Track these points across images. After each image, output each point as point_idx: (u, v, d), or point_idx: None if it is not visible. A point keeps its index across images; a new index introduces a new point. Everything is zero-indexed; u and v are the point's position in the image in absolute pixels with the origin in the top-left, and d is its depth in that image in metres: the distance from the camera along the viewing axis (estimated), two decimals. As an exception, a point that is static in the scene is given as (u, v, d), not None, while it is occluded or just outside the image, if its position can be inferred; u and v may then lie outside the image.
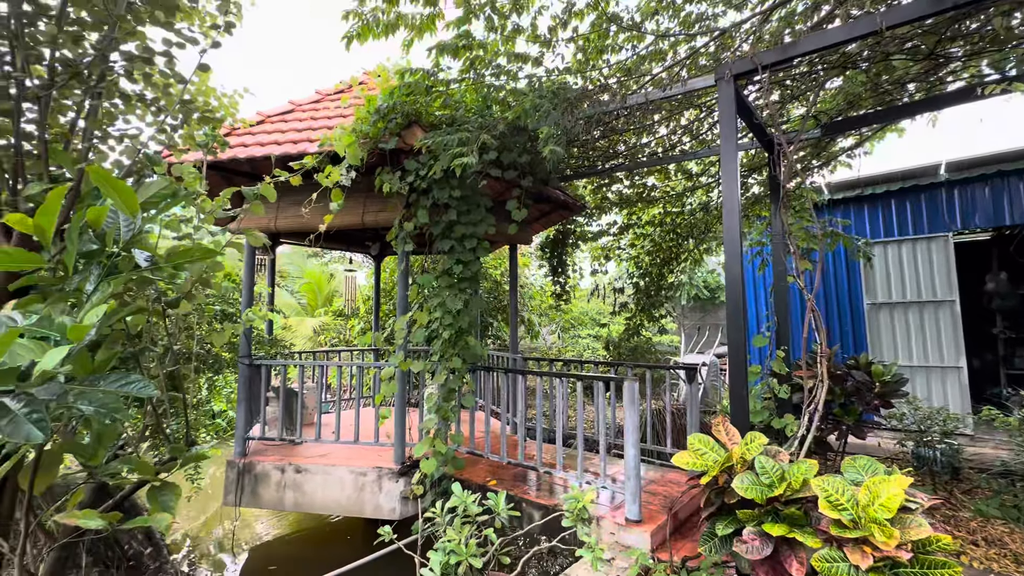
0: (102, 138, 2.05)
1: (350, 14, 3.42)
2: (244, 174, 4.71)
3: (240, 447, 4.68)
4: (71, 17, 2.06)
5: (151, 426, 2.80)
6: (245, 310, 4.56)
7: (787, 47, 2.94)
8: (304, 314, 12.21)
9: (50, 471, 1.63)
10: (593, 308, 11.69)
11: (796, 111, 5.18)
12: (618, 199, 6.64)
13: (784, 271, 4.13)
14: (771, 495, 2.08)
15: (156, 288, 2.04)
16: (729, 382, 3.01)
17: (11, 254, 1.21)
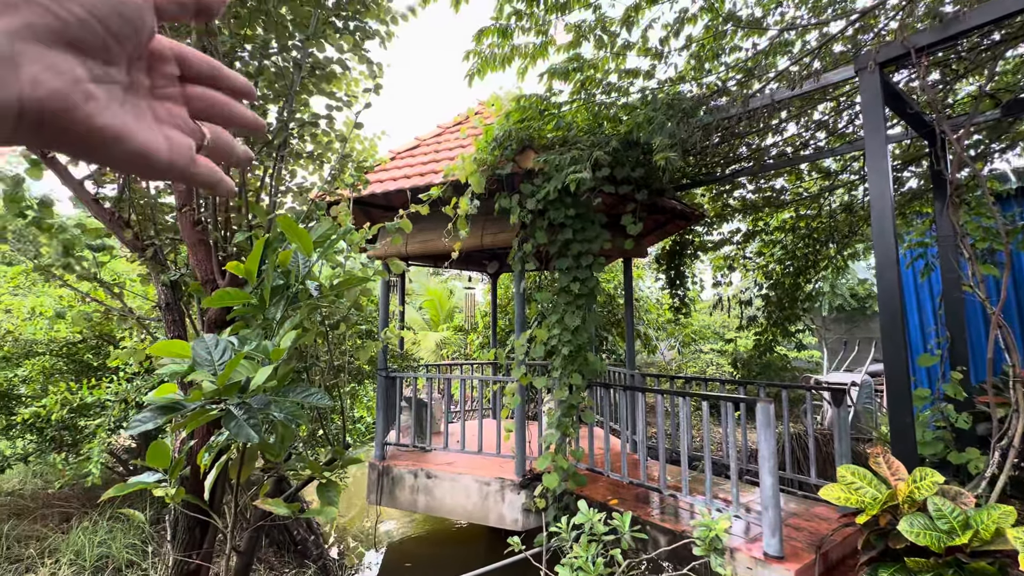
0: (284, 191, 2.50)
1: (470, 53, 3.71)
2: (379, 206, 5.30)
3: (379, 451, 5.19)
4: (259, 94, 2.56)
5: (315, 431, 3.24)
6: (384, 328, 5.08)
7: (950, 23, 2.56)
8: (428, 329, 13.17)
9: (250, 465, 1.99)
10: (716, 321, 10.94)
11: (966, 89, 4.42)
12: (741, 205, 6.20)
13: (957, 278, 3.52)
14: (951, 544, 1.79)
15: (321, 312, 2.40)
16: (888, 407, 2.64)
17: (232, 294, 1.55)
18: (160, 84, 0.35)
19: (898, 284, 2.65)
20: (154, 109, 0.34)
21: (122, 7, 0.30)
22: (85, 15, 0.28)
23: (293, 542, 4.33)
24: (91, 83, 0.29)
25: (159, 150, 0.32)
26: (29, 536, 4.11)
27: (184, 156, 0.34)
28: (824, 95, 4.20)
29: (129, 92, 0.32)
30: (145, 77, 0.34)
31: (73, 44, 0.28)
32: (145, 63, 0.34)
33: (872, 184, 2.74)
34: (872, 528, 2.08)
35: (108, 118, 0.30)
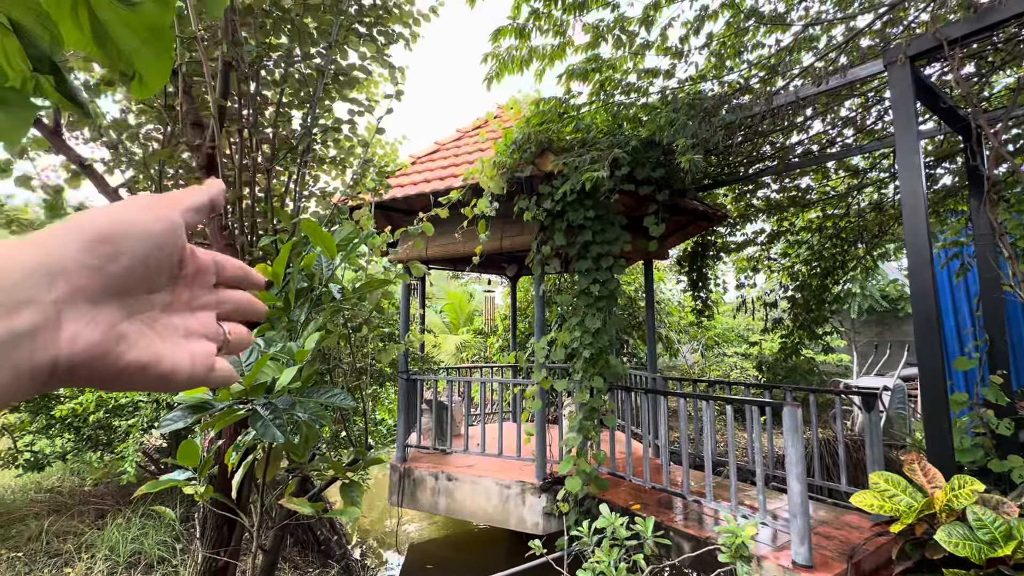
0: (308, 196, 2.55)
1: (488, 56, 3.70)
2: (400, 210, 5.36)
3: (401, 453, 5.23)
4: (283, 100, 2.62)
5: (337, 432, 3.29)
6: (406, 331, 5.13)
7: (984, 13, 2.46)
8: (448, 332, 13.25)
9: (275, 465, 2.03)
10: (740, 324, 10.72)
11: (1002, 82, 4.26)
12: (765, 205, 6.07)
13: (996, 278, 3.38)
14: (993, 555, 1.71)
15: (343, 315, 2.43)
16: (923, 412, 2.55)
17: (259, 296, 1.59)
18: (199, 294, 0.38)
19: (932, 285, 2.56)
20: (187, 323, 0.37)
21: (161, 240, 0.33)
22: (132, 262, 0.31)
23: (317, 542, 4.39)
24: (127, 322, 0.32)
25: (182, 369, 0.35)
26: (67, 531, 4.26)
27: (204, 366, 0.36)
28: (851, 91, 4.09)
29: (167, 311, 0.35)
30: (186, 290, 0.37)
31: (118, 293, 0.31)
32: (189, 277, 0.37)
33: (904, 182, 2.65)
34: (907, 537, 2.01)
35: (137, 353, 0.32)
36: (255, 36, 2.22)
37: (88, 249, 0.29)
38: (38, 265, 0.27)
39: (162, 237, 0.33)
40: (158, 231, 0.33)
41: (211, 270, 0.39)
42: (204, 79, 2.05)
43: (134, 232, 0.31)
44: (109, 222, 0.30)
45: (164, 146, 2.63)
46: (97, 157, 2.68)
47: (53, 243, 0.28)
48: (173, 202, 0.35)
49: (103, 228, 0.30)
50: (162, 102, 2.60)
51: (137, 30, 0.57)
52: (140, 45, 0.58)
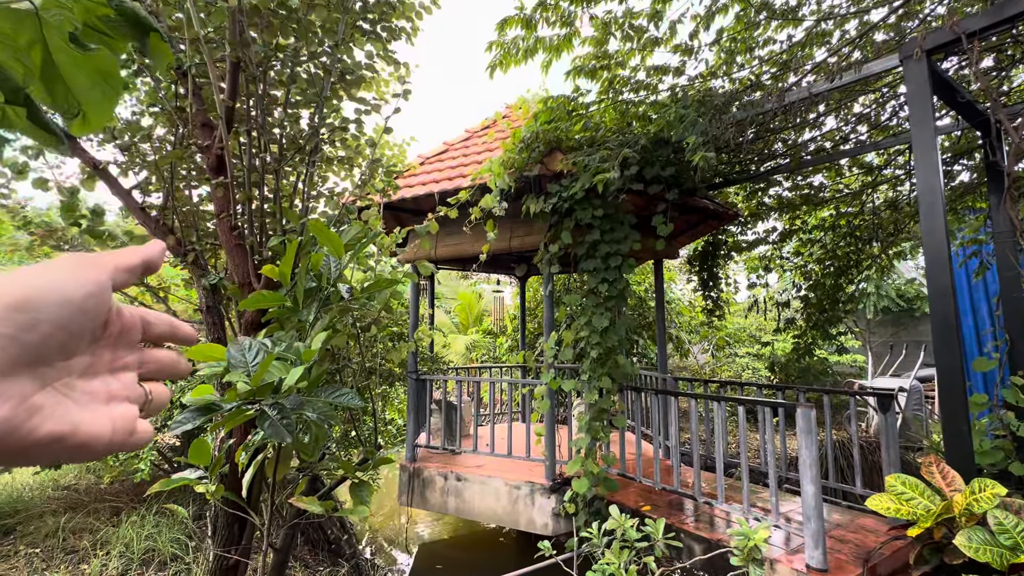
0: (316, 196, 2.56)
1: (493, 44, 3.65)
2: (408, 210, 5.37)
3: (410, 452, 5.24)
4: (291, 100, 2.64)
5: (347, 432, 3.30)
6: (415, 331, 5.14)
7: (1004, 5, 2.40)
8: (458, 332, 13.27)
9: (285, 464, 2.04)
10: (752, 324, 10.60)
11: (1022, 76, 4.15)
12: (777, 203, 5.99)
13: (1016, 276, 3.30)
14: (1016, 561, 1.67)
15: (352, 315, 2.44)
16: (941, 414, 2.49)
17: (267, 296, 1.60)
18: (121, 354, 0.37)
19: (951, 284, 2.50)
20: (108, 386, 0.35)
21: (85, 304, 0.31)
22: (51, 330, 0.29)
23: (327, 541, 4.42)
24: (41, 393, 0.30)
25: (101, 436, 0.33)
26: (83, 528, 4.33)
27: (125, 431, 0.35)
28: (865, 87, 4.02)
29: (86, 375, 0.33)
30: (108, 351, 0.35)
31: (33, 362, 0.29)
32: (113, 337, 0.35)
33: (921, 178, 2.60)
34: (925, 542, 1.96)
35: (52, 425, 0.30)
36: (262, 36, 2.23)
37: (3, 319, 0.27)
38: None
39: (86, 301, 0.31)
40: (81, 295, 0.31)
41: (137, 328, 0.37)
42: (213, 81, 2.06)
43: (54, 297, 0.29)
44: (28, 288, 0.29)
45: (176, 148, 2.66)
46: (111, 159, 2.71)
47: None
48: (102, 263, 0.33)
49: (21, 295, 0.28)
50: (173, 104, 2.62)
51: (89, 72, 0.59)
52: (90, 86, 0.59)
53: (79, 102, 0.61)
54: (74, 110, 0.62)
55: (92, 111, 0.63)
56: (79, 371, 0.33)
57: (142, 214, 2.58)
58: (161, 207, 2.64)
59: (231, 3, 1.92)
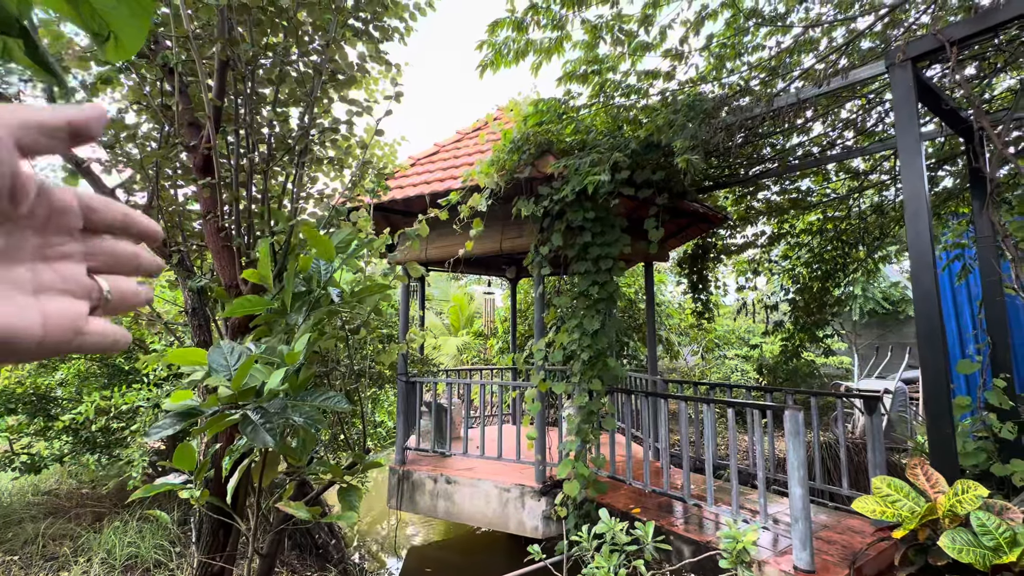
0: (305, 197, 2.53)
1: (483, 44, 3.63)
2: (399, 212, 5.34)
3: (400, 455, 5.20)
4: (280, 99, 2.61)
5: (336, 435, 3.26)
6: (405, 333, 5.10)
7: (986, 14, 2.45)
8: (448, 334, 13.22)
9: (272, 469, 2.01)
10: (741, 327, 10.69)
11: (1004, 84, 4.24)
12: (766, 207, 6.06)
13: (998, 280, 3.36)
14: (998, 562, 1.69)
15: (341, 318, 2.41)
16: (926, 416, 2.52)
17: (252, 301, 1.57)
18: (55, 242, 0.31)
19: (935, 287, 2.54)
20: (38, 274, 0.30)
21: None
22: None
23: (315, 546, 4.36)
24: None
25: (26, 331, 0.28)
26: (63, 535, 4.24)
27: (64, 329, 0.30)
28: (852, 93, 4.07)
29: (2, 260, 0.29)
30: (33, 236, 0.30)
31: None
32: (39, 220, 0.30)
33: (906, 184, 2.63)
34: (910, 543, 1.98)
35: None
36: (251, 34, 2.21)
37: None
38: None
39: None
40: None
41: (73, 212, 0.32)
42: (199, 78, 2.03)
43: None
44: None
45: (161, 146, 2.61)
46: (94, 157, 2.66)
47: None
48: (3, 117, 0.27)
49: None
50: (159, 102, 2.58)
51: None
52: (116, 3, 0.56)
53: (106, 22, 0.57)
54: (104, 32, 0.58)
55: (123, 33, 0.59)
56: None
57: (126, 214, 2.53)
58: (146, 207, 2.59)
59: (221, 1, 1.90)
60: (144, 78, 2.62)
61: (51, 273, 0.31)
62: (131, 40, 0.60)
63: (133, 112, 2.81)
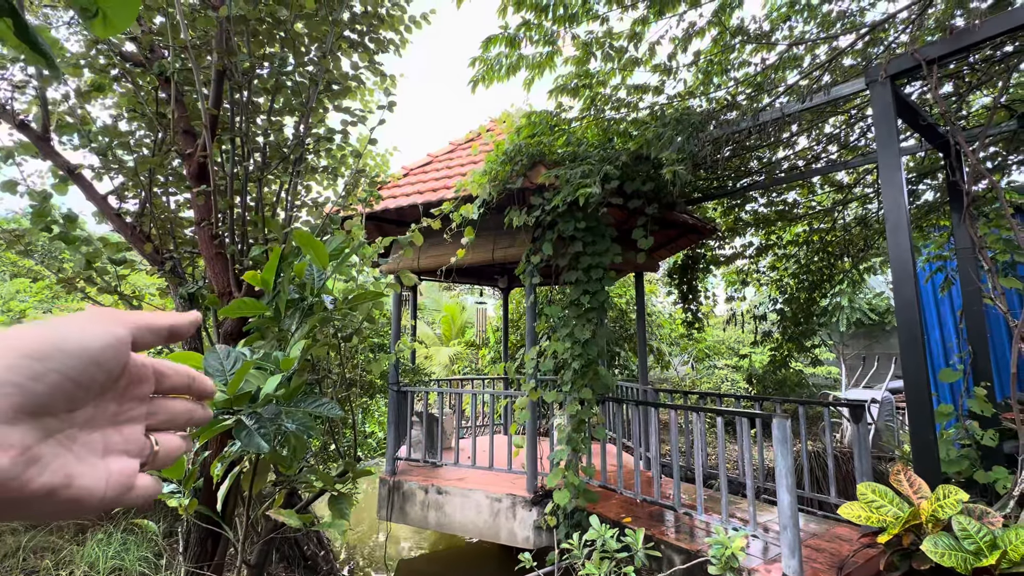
0: (300, 206, 2.55)
1: (476, 60, 3.69)
2: (391, 221, 5.37)
3: (390, 466, 5.16)
4: (275, 108, 2.64)
5: (326, 444, 3.24)
6: (396, 342, 5.10)
7: (960, 35, 2.55)
8: (440, 344, 13.18)
9: (263, 476, 2.00)
10: (731, 337, 10.79)
11: (980, 101, 4.39)
12: (753, 219, 6.17)
13: (977, 291, 3.45)
14: (978, 565, 1.73)
15: (334, 326, 2.42)
16: (910, 423, 2.57)
17: (249, 303, 1.58)
18: (127, 408, 0.35)
19: (916, 298, 2.60)
20: (108, 439, 0.33)
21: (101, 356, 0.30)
22: (60, 380, 0.28)
23: (303, 557, 4.30)
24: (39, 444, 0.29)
25: (95, 490, 0.31)
26: (45, 547, 4.14)
27: (120, 487, 0.33)
28: (835, 108, 4.19)
29: (85, 428, 0.32)
30: (113, 403, 0.34)
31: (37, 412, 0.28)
32: (120, 390, 0.34)
33: (887, 197, 2.71)
34: (895, 548, 2.01)
35: (47, 477, 0.29)
36: (248, 45, 2.24)
37: (14, 367, 0.27)
38: None
39: (102, 352, 0.30)
40: (97, 346, 0.30)
41: (148, 380, 0.35)
42: (196, 87, 2.06)
43: (70, 347, 0.29)
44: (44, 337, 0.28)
45: (155, 153, 2.62)
46: (86, 163, 2.66)
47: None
48: (125, 319, 0.32)
49: (36, 344, 0.28)
50: (153, 109, 2.60)
51: None
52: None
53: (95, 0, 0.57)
54: (92, 8, 0.58)
55: (112, 10, 0.58)
56: (80, 423, 0.31)
57: (118, 220, 2.53)
58: (138, 214, 2.60)
59: (221, 12, 1.93)
60: (139, 86, 2.64)
61: (118, 436, 0.34)
62: (120, 18, 0.59)
63: (125, 118, 2.82)
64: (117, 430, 0.34)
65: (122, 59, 2.59)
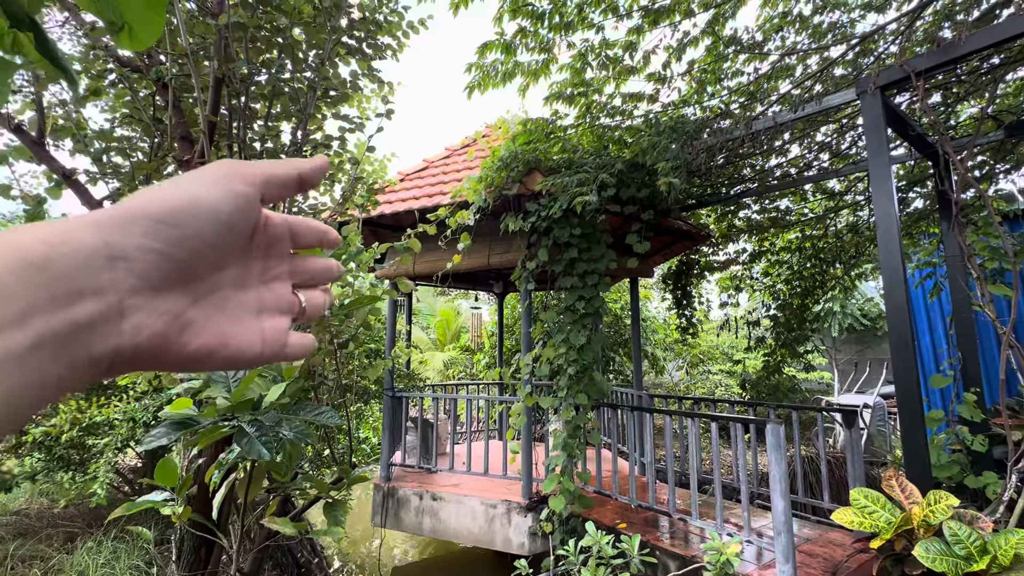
0: (297, 212, 2.55)
1: (472, 66, 3.71)
2: (388, 227, 5.37)
3: (385, 472, 5.14)
4: (273, 114, 2.65)
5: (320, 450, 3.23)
6: (391, 348, 5.09)
7: (947, 48, 2.61)
8: (435, 349, 13.15)
9: (257, 484, 1.99)
10: (724, 342, 10.85)
11: (968, 111, 4.46)
12: (747, 225, 6.23)
13: (966, 298, 3.50)
14: (969, 570, 1.75)
15: (330, 332, 2.42)
16: (901, 429, 2.60)
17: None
18: (272, 265, 0.35)
19: (907, 304, 2.64)
20: (260, 296, 0.34)
21: (232, 219, 0.30)
22: (199, 244, 0.29)
23: (297, 565, 4.27)
24: (193, 308, 0.30)
25: (251, 348, 0.33)
26: (34, 556, 4.09)
27: (276, 343, 0.34)
28: (826, 117, 4.25)
29: (237, 287, 0.33)
30: (259, 262, 0.35)
31: (185, 278, 0.29)
32: (263, 248, 0.35)
33: (877, 205, 2.76)
34: (887, 553, 2.04)
35: (203, 339, 0.30)
36: (246, 51, 2.25)
37: (151, 232, 0.27)
38: (99, 249, 0.25)
39: (233, 215, 0.30)
40: (228, 209, 0.30)
41: (286, 238, 0.36)
42: (194, 94, 2.06)
43: (201, 212, 0.29)
44: (174, 201, 0.28)
45: (151, 159, 2.62)
46: (81, 168, 2.65)
47: (114, 225, 0.26)
48: (250, 174, 0.31)
49: (167, 208, 0.28)
50: (150, 114, 2.60)
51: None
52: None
53: (120, 12, 0.57)
54: (118, 22, 0.58)
55: (138, 24, 0.58)
56: (230, 284, 0.32)
57: (114, 226, 2.52)
58: (134, 219, 2.59)
59: (220, 21, 1.94)
60: (136, 91, 2.64)
61: (269, 294, 0.35)
62: (146, 32, 0.60)
63: (120, 123, 2.81)
64: (268, 287, 0.35)
65: (119, 64, 2.59)
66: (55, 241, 0.24)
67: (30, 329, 0.22)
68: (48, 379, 0.23)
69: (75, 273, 0.24)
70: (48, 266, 0.23)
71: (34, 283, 0.23)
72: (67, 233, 0.24)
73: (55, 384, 0.24)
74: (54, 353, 0.23)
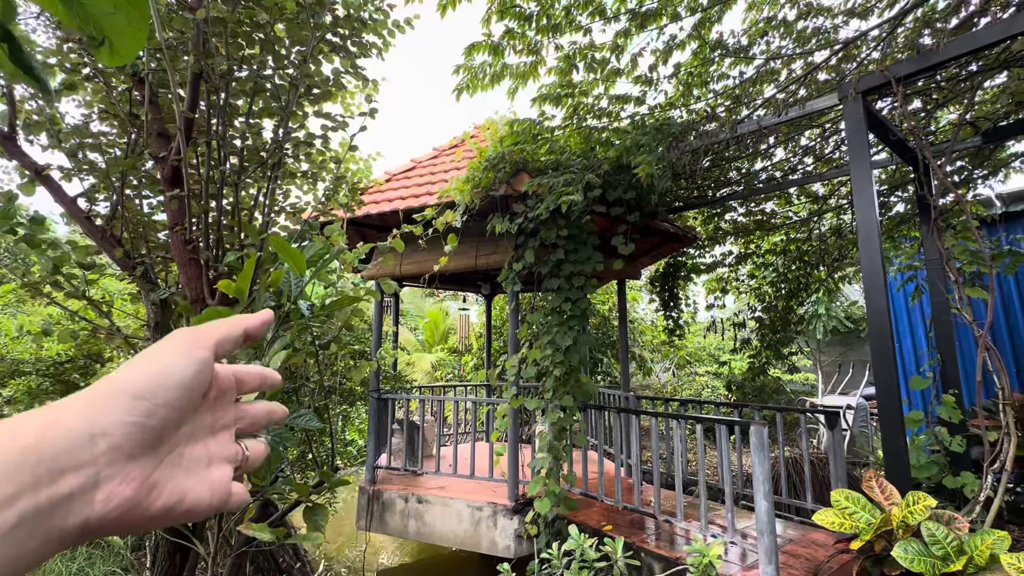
0: (278, 211, 2.51)
1: (460, 68, 3.69)
2: (373, 227, 5.32)
3: (370, 474, 5.09)
4: (254, 111, 2.60)
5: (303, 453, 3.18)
6: (377, 349, 5.03)
7: (927, 54, 2.64)
8: (423, 351, 13.07)
9: (234, 488, 1.95)
10: (711, 344, 10.94)
11: (947, 117, 4.55)
12: (733, 228, 6.28)
13: (945, 301, 3.55)
14: (946, 570, 1.76)
15: (312, 333, 2.38)
16: (881, 430, 2.63)
17: (223, 313, 1.54)
18: (220, 416, 0.37)
19: (887, 307, 2.67)
20: (208, 447, 0.36)
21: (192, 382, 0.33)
22: (168, 412, 0.31)
23: (279, 570, 4.20)
24: (156, 470, 0.31)
25: (203, 501, 0.34)
26: (4, 563, 3.97)
27: (222, 495, 0.35)
28: (810, 121, 4.30)
29: (190, 441, 0.34)
30: (208, 414, 0.36)
31: (154, 443, 0.31)
32: (211, 401, 0.36)
33: (858, 209, 2.79)
34: (867, 554, 2.05)
35: (165, 497, 0.31)
36: (226, 46, 2.20)
37: (128, 408, 0.29)
38: (84, 430, 0.27)
39: (194, 380, 0.33)
40: (191, 375, 0.32)
41: (232, 387, 0.38)
42: (171, 89, 2.01)
43: (172, 382, 0.31)
44: (150, 378, 0.31)
45: (127, 155, 2.56)
46: (54, 164, 2.58)
47: (98, 405, 0.29)
48: (204, 337, 0.34)
49: (144, 384, 0.30)
50: (127, 110, 2.54)
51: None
52: (112, 9, 0.56)
53: (101, 27, 0.57)
54: (98, 37, 0.57)
55: (118, 39, 0.58)
56: (185, 439, 0.34)
57: (87, 223, 2.46)
58: (109, 217, 2.52)
59: (198, 15, 1.90)
60: (111, 86, 2.57)
61: (215, 444, 0.36)
62: (127, 48, 0.59)
63: (96, 118, 2.74)
64: (215, 438, 0.36)
65: (94, 58, 2.52)
66: (48, 423, 0.27)
67: (16, 509, 0.24)
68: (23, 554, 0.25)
69: (61, 453, 0.26)
70: (40, 448, 0.26)
71: (25, 465, 0.25)
72: (59, 416, 0.27)
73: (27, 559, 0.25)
74: (31, 529, 0.25)
